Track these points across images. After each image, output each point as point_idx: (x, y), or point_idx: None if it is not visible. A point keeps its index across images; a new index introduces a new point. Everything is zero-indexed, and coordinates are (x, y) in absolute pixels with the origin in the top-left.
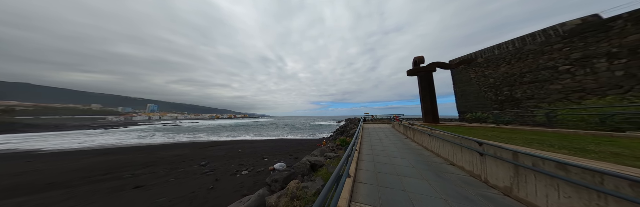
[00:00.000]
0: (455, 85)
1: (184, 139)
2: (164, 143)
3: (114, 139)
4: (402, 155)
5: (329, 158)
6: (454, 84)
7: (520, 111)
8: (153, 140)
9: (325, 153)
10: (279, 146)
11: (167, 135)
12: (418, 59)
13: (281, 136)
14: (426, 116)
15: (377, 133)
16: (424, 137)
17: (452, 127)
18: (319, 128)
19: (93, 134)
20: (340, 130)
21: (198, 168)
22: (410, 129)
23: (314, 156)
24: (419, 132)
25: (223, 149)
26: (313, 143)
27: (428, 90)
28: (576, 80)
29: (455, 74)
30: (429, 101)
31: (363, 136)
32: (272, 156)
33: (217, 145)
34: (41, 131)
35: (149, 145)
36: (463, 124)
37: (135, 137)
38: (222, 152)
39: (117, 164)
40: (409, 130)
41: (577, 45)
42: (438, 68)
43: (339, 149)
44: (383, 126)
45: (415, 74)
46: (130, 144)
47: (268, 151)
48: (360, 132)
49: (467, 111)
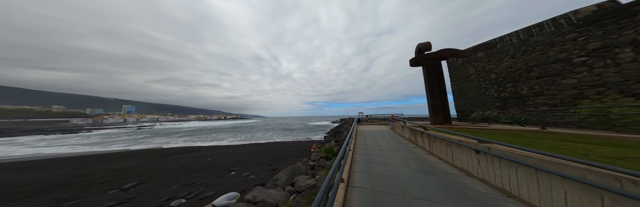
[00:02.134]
0: (453, 82)
1: (151, 145)
2: (119, 151)
3: (64, 147)
4: (426, 187)
5: (298, 192)
6: (451, 81)
7: (552, 110)
8: (110, 147)
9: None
10: (263, 150)
11: (135, 140)
12: (423, 46)
13: (270, 138)
14: (435, 115)
15: (374, 139)
16: (450, 149)
17: (477, 131)
18: (312, 128)
19: (34, 141)
20: (335, 130)
21: (112, 194)
22: (421, 134)
23: (295, 171)
24: (438, 140)
25: (188, 158)
26: (303, 146)
27: (437, 83)
28: (594, 73)
29: (453, 69)
30: (439, 97)
31: (356, 143)
32: (244, 167)
33: (186, 152)
34: None
35: (95, 154)
36: (486, 126)
37: (91, 143)
38: (182, 163)
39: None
40: (419, 135)
41: (595, 34)
42: (441, 58)
43: (320, 168)
44: (379, 127)
45: (420, 63)
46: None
47: (245, 158)
48: (353, 137)
49: (466, 109)
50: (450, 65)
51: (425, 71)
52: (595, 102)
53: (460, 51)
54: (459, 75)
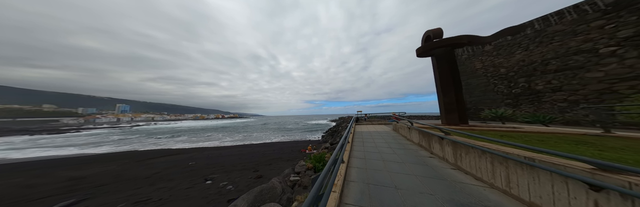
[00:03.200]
0: None
1: (136, 146)
2: (97, 154)
3: (41, 150)
4: None
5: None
6: None
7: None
8: (92, 149)
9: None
10: (255, 152)
11: (123, 141)
12: (433, 33)
13: (265, 139)
14: (449, 114)
15: (374, 143)
16: (503, 168)
17: (515, 135)
18: (311, 127)
19: (16, 142)
20: (333, 129)
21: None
22: (440, 139)
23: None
24: (472, 151)
25: (168, 162)
26: (298, 147)
27: (451, 75)
28: (625, 65)
29: (457, 64)
30: (453, 93)
31: (352, 150)
32: (226, 173)
33: (170, 154)
34: None
35: (69, 157)
36: (517, 128)
37: (73, 145)
38: (156, 169)
39: None
40: (435, 141)
41: (627, 20)
42: (456, 45)
43: (302, 189)
44: (380, 128)
45: (430, 52)
46: (42, 157)
47: (231, 162)
48: (348, 141)
49: (472, 107)
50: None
51: (435, 62)
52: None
53: (480, 37)
54: (464, 71)
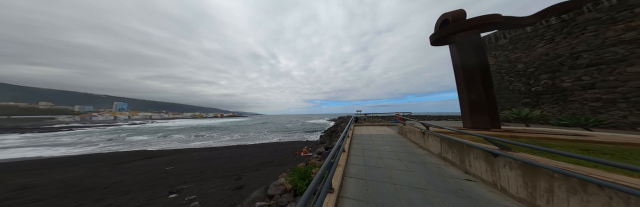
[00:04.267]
0: None
1: (123, 146)
2: (79, 154)
3: (19, 150)
4: None
5: None
6: None
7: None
8: (74, 149)
9: None
10: (245, 154)
11: (112, 140)
12: (453, 16)
13: (261, 139)
14: (475, 114)
15: (379, 153)
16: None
17: (584, 145)
18: (309, 127)
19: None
20: (331, 129)
21: None
22: (493, 156)
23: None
24: (563, 178)
25: (145, 166)
26: (294, 148)
27: (478, 66)
28: None
29: None
30: (482, 88)
31: (348, 165)
32: (202, 182)
33: (155, 156)
34: None
35: (41, 159)
36: (583, 135)
37: (58, 144)
38: (126, 175)
39: None
40: (473, 156)
41: None
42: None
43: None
44: (382, 130)
45: (448, 39)
46: (14, 159)
47: (214, 167)
48: (346, 148)
49: None
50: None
51: (456, 51)
52: None
53: (519, 18)
54: None
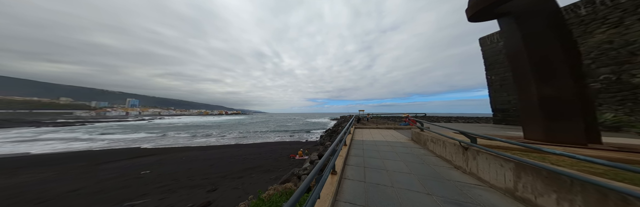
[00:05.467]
0: (489, 71)
1: (120, 143)
2: (70, 151)
3: (23, 145)
4: None
5: None
6: (486, 68)
7: None
8: (76, 144)
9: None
10: (236, 155)
11: (113, 135)
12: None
13: (258, 138)
14: (558, 122)
15: (391, 182)
16: None
17: None
18: (310, 126)
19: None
20: (332, 129)
21: None
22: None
23: None
24: None
25: (121, 169)
26: (290, 150)
27: (560, 44)
28: None
29: (490, 54)
30: (568, 78)
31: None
32: (165, 194)
33: (142, 155)
34: None
35: (26, 156)
36: None
37: (64, 139)
38: (92, 180)
39: None
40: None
41: None
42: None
43: None
44: (390, 135)
45: (499, 9)
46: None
47: (196, 170)
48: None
49: (512, 108)
50: (486, 48)
51: (512, 27)
52: None
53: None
54: (499, 62)
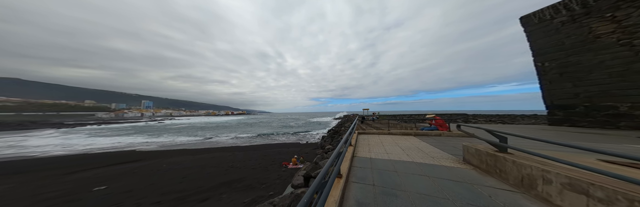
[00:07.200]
0: (538, 57)
1: (119, 145)
2: (64, 154)
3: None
4: None
5: None
6: (534, 55)
7: None
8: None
9: None
10: (222, 162)
11: (116, 137)
12: None
13: (255, 140)
14: None
15: None
16: None
17: None
18: (313, 126)
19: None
20: (334, 129)
21: None
22: None
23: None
24: None
25: (86, 179)
26: (285, 154)
27: None
28: None
29: (540, 35)
30: None
31: None
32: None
33: (126, 161)
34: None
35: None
36: None
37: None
38: (29, 201)
39: None
40: None
41: None
42: None
43: None
44: (413, 148)
45: None
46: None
47: (161, 184)
48: None
49: (580, 104)
50: (533, 28)
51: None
52: None
53: None
54: (557, 44)
